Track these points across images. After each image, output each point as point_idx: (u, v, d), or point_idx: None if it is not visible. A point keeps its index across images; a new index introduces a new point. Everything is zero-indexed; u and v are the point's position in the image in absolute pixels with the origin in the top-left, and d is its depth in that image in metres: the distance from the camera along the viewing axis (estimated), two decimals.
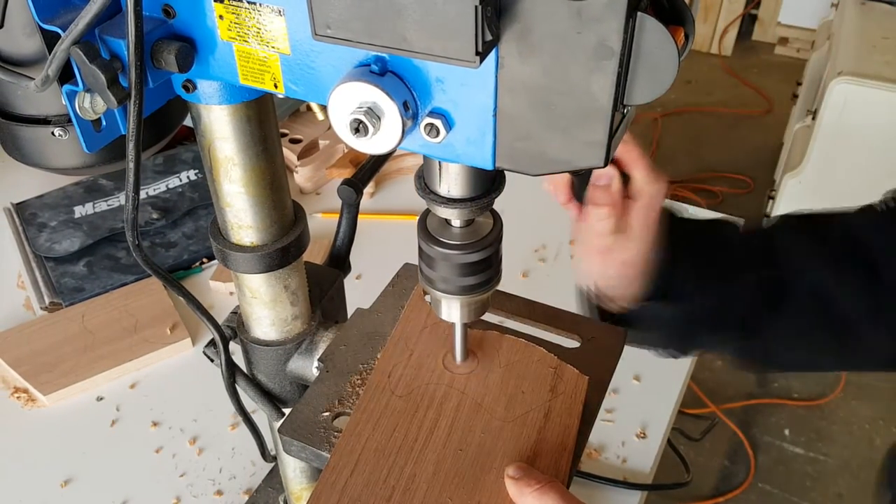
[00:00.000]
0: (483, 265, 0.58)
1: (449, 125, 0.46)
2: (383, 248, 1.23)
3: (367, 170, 0.74)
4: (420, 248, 0.59)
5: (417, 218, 0.59)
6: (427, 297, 0.72)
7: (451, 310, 0.61)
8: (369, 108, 0.43)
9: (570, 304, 0.77)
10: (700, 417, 2.26)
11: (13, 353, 1.11)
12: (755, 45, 4.01)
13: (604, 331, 0.73)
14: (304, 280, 0.70)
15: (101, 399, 1.08)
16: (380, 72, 0.44)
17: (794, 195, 2.35)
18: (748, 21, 4.04)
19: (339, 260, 0.78)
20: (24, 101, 0.55)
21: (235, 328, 0.72)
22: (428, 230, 0.58)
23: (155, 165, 1.41)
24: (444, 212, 0.55)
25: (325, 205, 1.39)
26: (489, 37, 0.39)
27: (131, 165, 0.50)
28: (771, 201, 2.47)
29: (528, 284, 1.25)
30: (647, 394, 1.07)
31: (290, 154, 1.43)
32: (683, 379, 1.11)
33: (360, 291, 0.83)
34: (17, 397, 1.07)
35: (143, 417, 1.05)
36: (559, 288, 1.23)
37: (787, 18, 3.87)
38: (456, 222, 0.57)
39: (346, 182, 0.72)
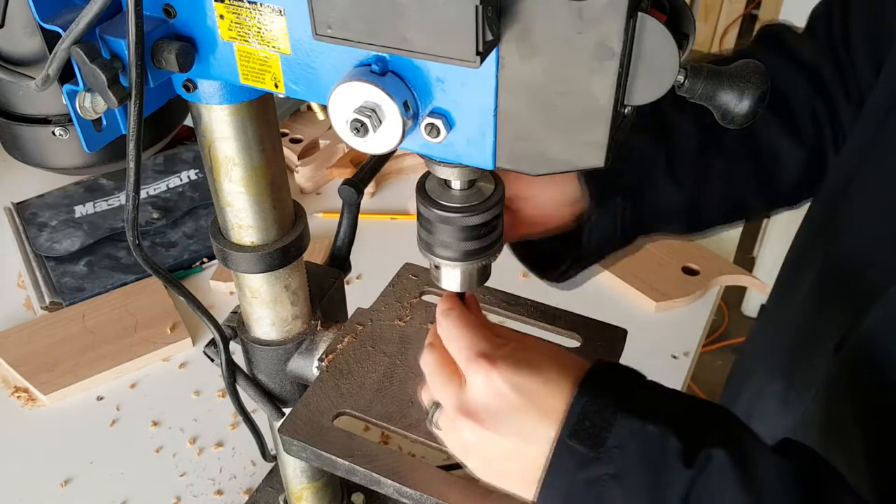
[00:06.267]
0: (484, 229, 0.57)
1: (449, 125, 0.46)
2: (383, 248, 1.23)
3: (368, 170, 0.73)
4: (419, 212, 0.57)
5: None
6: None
7: (452, 277, 0.60)
8: (370, 108, 0.43)
9: (571, 305, 0.76)
10: None
11: (13, 352, 1.11)
12: None
13: (604, 331, 0.73)
14: (304, 280, 0.70)
15: (102, 399, 1.08)
16: (380, 72, 0.44)
17: None
18: (749, 21, 4.04)
19: (340, 260, 0.78)
20: (24, 101, 0.55)
21: (236, 328, 0.72)
22: (427, 193, 0.56)
23: (155, 165, 1.41)
24: (443, 171, 0.54)
25: (326, 205, 1.39)
26: (490, 37, 0.39)
27: (132, 165, 0.50)
28: None
29: (528, 284, 1.24)
30: None
31: (290, 154, 1.43)
32: (684, 379, 1.11)
33: (360, 291, 0.83)
34: (18, 397, 1.07)
35: (143, 417, 1.05)
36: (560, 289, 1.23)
37: (788, 19, 3.86)
38: (456, 184, 0.56)
39: (347, 182, 0.72)
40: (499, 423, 0.54)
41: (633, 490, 0.50)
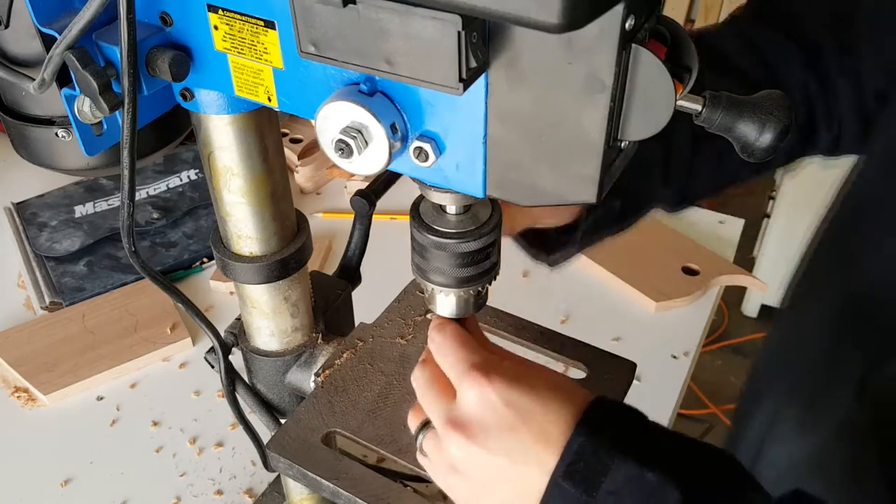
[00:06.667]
0: (480, 255, 0.54)
1: (439, 150, 0.44)
2: (383, 247, 1.23)
3: (382, 181, 0.70)
4: (413, 237, 0.55)
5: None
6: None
7: (447, 303, 0.58)
8: (356, 129, 0.42)
9: (572, 305, 0.75)
10: (697, 420, 2.25)
11: (13, 352, 1.11)
12: None
13: (612, 363, 0.70)
14: (306, 291, 0.68)
15: (101, 399, 1.08)
16: (369, 91, 0.42)
17: (793, 195, 2.34)
18: None
19: (350, 271, 0.76)
20: (30, 101, 0.55)
21: (237, 335, 0.71)
22: (421, 217, 0.54)
23: (155, 165, 1.40)
24: (436, 196, 0.52)
25: (326, 204, 1.39)
26: (474, 63, 0.37)
27: (126, 173, 0.49)
28: (771, 201, 2.46)
29: (528, 284, 1.24)
30: (646, 394, 1.07)
31: (290, 154, 1.43)
32: (684, 379, 1.11)
33: (358, 291, 0.81)
34: (18, 397, 1.07)
35: (143, 417, 1.05)
36: (560, 288, 1.23)
37: None
38: (450, 208, 0.53)
39: (360, 193, 0.69)
40: (488, 439, 0.51)
41: None
